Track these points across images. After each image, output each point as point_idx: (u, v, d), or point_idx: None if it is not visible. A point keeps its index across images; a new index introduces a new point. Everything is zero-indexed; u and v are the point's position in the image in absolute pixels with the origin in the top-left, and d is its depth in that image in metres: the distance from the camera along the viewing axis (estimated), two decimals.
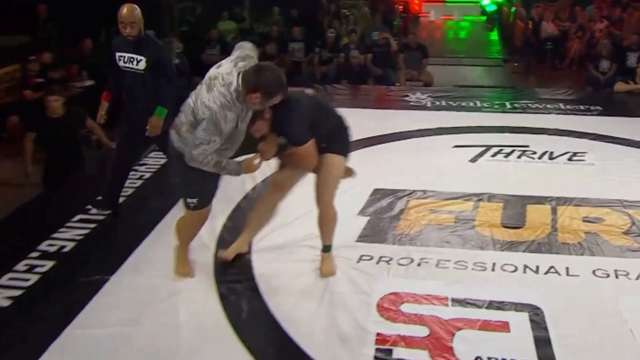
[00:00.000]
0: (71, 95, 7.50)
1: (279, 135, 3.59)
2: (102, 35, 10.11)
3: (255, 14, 12.43)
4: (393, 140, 6.02)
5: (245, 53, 3.62)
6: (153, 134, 4.51)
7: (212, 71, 3.50)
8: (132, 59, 4.46)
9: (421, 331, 3.34)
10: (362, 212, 4.58)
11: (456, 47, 14.06)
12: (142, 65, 4.43)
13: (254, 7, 12.47)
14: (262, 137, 3.59)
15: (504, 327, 3.39)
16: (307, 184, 3.90)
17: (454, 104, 7.28)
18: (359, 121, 6.48)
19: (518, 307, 3.54)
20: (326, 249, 3.90)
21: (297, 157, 3.68)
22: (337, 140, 3.78)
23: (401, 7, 13.35)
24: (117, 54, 4.50)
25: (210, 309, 3.55)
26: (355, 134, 5.93)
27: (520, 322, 3.42)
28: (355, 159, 5.48)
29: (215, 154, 3.40)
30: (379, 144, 5.97)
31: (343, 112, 6.55)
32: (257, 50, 3.81)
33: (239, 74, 3.36)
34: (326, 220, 3.85)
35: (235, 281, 3.80)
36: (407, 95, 7.64)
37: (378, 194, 4.88)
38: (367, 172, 5.25)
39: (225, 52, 9.88)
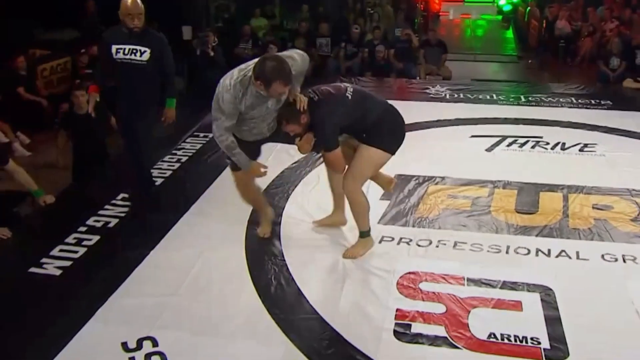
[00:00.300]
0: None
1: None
2: None
3: (285, 11, 12.37)
4: (414, 130, 5.91)
5: (289, 53, 3.58)
6: (169, 122, 4.52)
7: None
8: (134, 51, 4.25)
9: (438, 308, 3.31)
10: (384, 196, 4.53)
11: (473, 44, 13.86)
12: (147, 56, 4.25)
13: (284, 5, 12.41)
14: (298, 135, 3.58)
15: (516, 306, 3.35)
16: None
17: (471, 97, 7.17)
18: None
19: (530, 287, 3.50)
20: (361, 234, 3.82)
21: (326, 160, 3.73)
22: (378, 134, 3.63)
23: (422, 5, 13.20)
24: (115, 47, 4.24)
25: (241, 283, 3.56)
26: None
27: (532, 301, 3.38)
28: None
29: (230, 134, 3.45)
30: None
31: None
32: (305, 57, 3.67)
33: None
34: (353, 207, 3.80)
35: (264, 258, 3.79)
36: (427, 88, 7.55)
37: (399, 179, 4.81)
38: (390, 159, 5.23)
39: (257, 46, 9.89)
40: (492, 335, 3.11)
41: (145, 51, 4.27)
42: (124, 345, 3.05)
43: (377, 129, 3.63)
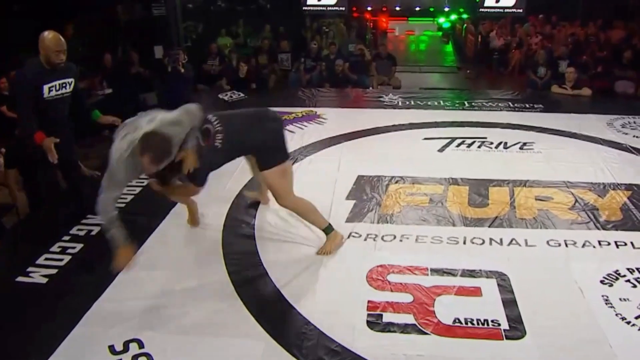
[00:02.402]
0: (94, 101, 7.23)
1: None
2: (119, 50, 9.85)
3: (248, 30, 12.18)
4: (372, 134, 5.86)
5: (177, 117, 3.11)
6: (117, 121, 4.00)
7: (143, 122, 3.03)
8: (64, 85, 3.89)
9: (406, 298, 3.21)
10: (349, 197, 4.42)
11: (417, 57, 13.93)
12: (72, 86, 3.94)
13: (247, 25, 12.22)
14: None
15: (476, 292, 3.28)
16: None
17: (421, 103, 7.11)
18: (343, 118, 6.45)
19: (487, 274, 3.43)
20: (325, 232, 3.70)
21: (186, 191, 3.54)
22: (267, 156, 3.47)
23: (371, 24, 13.17)
24: (46, 86, 3.78)
25: (218, 281, 3.39)
26: (339, 129, 5.97)
27: (490, 287, 3.32)
28: (341, 150, 5.45)
29: (115, 206, 3.06)
30: (360, 137, 5.80)
31: (328, 111, 6.59)
32: (194, 111, 3.20)
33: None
34: (300, 215, 3.68)
35: (241, 259, 3.62)
36: (381, 97, 7.46)
37: (362, 180, 4.72)
38: (352, 161, 5.16)
39: (223, 62, 9.68)
40: (457, 320, 3.03)
41: (71, 82, 3.96)
42: (111, 348, 2.86)
43: (263, 152, 3.47)
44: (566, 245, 3.77)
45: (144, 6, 10.40)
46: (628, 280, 3.36)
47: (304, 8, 10.16)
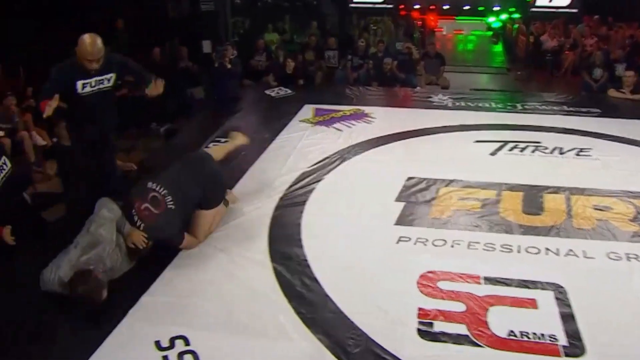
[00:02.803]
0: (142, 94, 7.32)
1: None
2: (167, 44, 9.98)
3: (294, 26, 12.19)
4: (421, 135, 5.71)
5: (94, 237, 3.23)
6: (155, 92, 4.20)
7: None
8: (100, 81, 3.97)
9: (458, 307, 3.09)
10: (398, 198, 4.31)
11: (465, 57, 13.62)
12: (113, 80, 4.04)
13: (293, 21, 12.22)
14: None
15: (532, 303, 3.13)
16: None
17: (472, 105, 6.89)
18: (391, 118, 6.33)
19: (543, 285, 3.27)
20: None
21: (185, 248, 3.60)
22: (213, 199, 3.71)
23: (420, 22, 12.96)
24: (80, 82, 3.88)
25: (265, 283, 3.34)
26: (388, 129, 5.85)
27: (546, 299, 3.16)
28: (390, 150, 5.34)
29: None
30: (410, 138, 5.65)
31: (377, 110, 6.48)
32: (108, 216, 3.31)
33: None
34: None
35: (288, 259, 3.56)
36: (430, 97, 7.28)
37: (412, 181, 4.59)
38: (401, 162, 5.05)
39: (270, 58, 9.70)
40: (512, 333, 2.89)
41: (111, 77, 4.03)
42: (157, 343, 2.84)
43: (206, 200, 3.64)
44: (628, 259, 3.56)
45: (192, 2, 10.52)
46: None
47: (350, 5, 10.06)
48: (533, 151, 5.37)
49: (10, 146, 6.71)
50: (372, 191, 4.44)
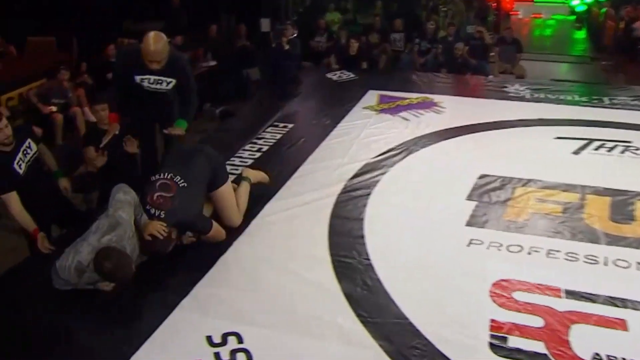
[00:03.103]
0: (197, 73, 7.39)
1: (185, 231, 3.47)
2: (223, 22, 10.06)
3: (358, 6, 12.03)
4: (495, 129, 5.50)
5: (114, 220, 3.15)
6: (172, 133, 4.10)
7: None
8: (159, 81, 3.96)
9: (536, 321, 2.94)
10: (470, 197, 4.17)
11: (542, 44, 13.13)
12: (172, 85, 4.01)
13: (357, 0, 12.07)
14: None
15: (621, 324, 2.94)
16: None
17: (552, 97, 6.57)
18: (463, 108, 6.12)
19: (635, 305, 3.07)
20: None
21: (209, 238, 3.56)
22: (214, 180, 3.66)
23: (494, 4, 12.55)
24: (138, 77, 3.93)
25: (324, 280, 3.28)
26: (459, 120, 5.67)
27: (638, 320, 2.96)
28: (461, 143, 5.17)
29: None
30: (483, 131, 5.46)
31: (447, 99, 6.30)
32: (128, 191, 3.27)
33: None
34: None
35: (349, 256, 3.49)
36: (505, 87, 7.01)
37: (484, 179, 4.43)
38: (473, 157, 4.88)
39: (332, 39, 9.61)
40: (597, 356, 2.72)
41: (170, 81, 3.98)
42: (209, 339, 2.82)
43: (213, 177, 3.64)
44: None
45: None
46: None
47: None
48: (622, 152, 5.07)
49: (62, 122, 6.96)
50: (441, 188, 4.32)
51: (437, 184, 4.36)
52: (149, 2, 9.70)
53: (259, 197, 4.19)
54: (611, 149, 5.13)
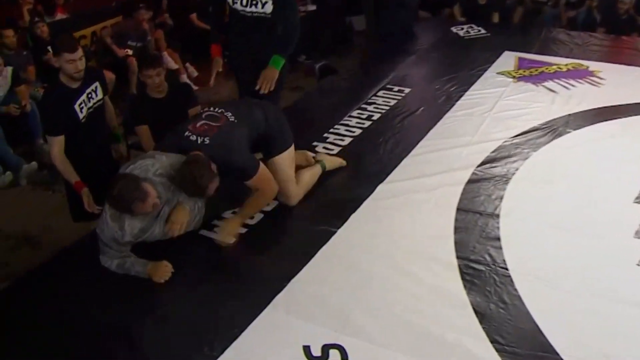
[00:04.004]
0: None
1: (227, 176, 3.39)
2: None
3: None
4: None
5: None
6: (264, 84, 4.22)
7: None
8: (254, 2, 4.16)
9: None
10: (638, 199, 3.84)
11: None
12: (269, 7, 4.15)
13: None
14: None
15: None
16: None
17: None
18: (629, 81, 5.71)
19: None
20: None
21: (257, 188, 3.56)
22: (274, 143, 3.72)
23: None
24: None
25: (448, 290, 3.13)
26: (622, 97, 5.27)
27: None
28: (628, 126, 4.80)
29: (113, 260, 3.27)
30: None
31: (606, 68, 5.90)
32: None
33: None
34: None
35: (481, 262, 3.31)
36: None
37: None
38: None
39: None
40: None
41: (266, 2, 4.11)
42: (307, 349, 2.76)
43: (269, 139, 3.69)
44: None
45: None
46: None
47: None
48: None
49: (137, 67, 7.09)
50: (600, 183, 4.03)
51: (595, 178, 4.08)
52: None
53: (367, 177, 4.10)
54: None
